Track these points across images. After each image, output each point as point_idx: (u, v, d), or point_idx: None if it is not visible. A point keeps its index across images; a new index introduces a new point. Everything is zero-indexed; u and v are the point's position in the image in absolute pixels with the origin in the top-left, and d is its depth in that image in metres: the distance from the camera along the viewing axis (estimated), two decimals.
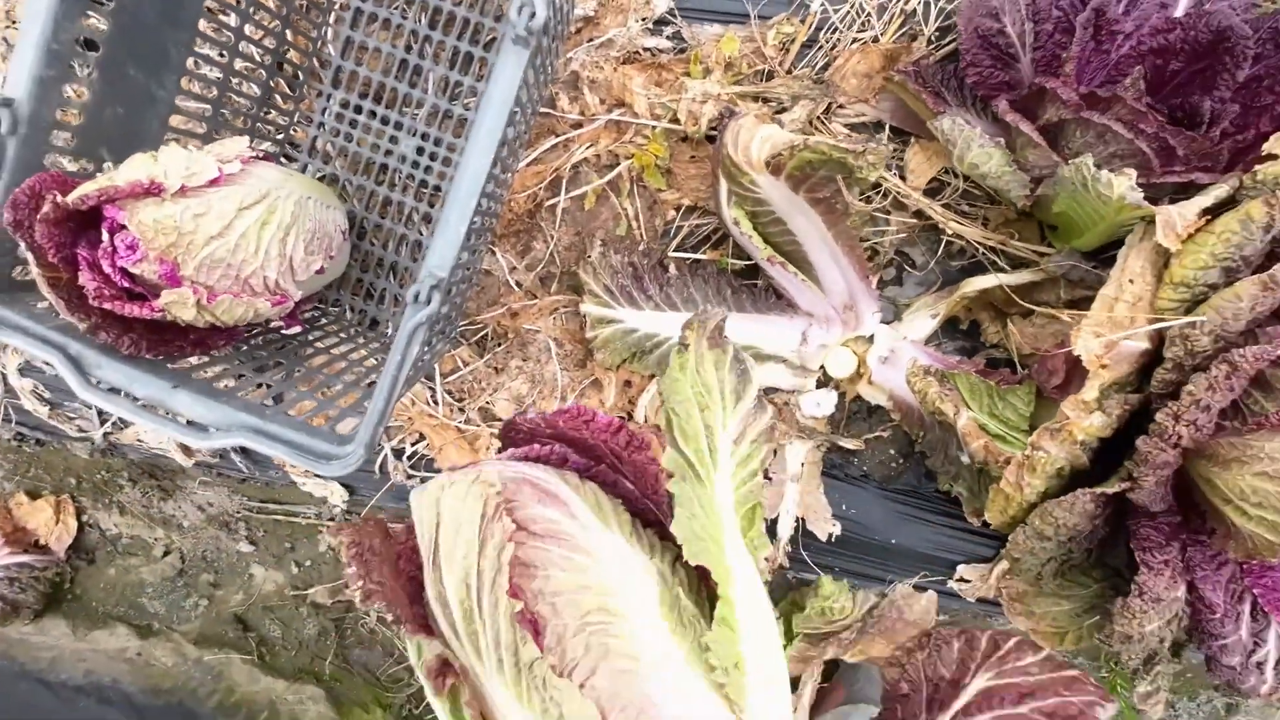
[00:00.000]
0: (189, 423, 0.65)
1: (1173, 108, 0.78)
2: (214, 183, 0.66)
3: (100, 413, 1.03)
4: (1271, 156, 0.64)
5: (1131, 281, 0.67)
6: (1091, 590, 0.85)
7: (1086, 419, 0.66)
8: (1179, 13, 0.80)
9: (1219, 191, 0.65)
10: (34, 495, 1.29)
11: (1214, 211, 0.65)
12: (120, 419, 1.04)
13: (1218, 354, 0.63)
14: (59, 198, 0.59)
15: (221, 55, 0.81)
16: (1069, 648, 0.88)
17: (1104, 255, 0.81)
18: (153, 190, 0.62)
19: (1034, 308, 0.84)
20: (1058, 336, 0.80)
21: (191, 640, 1.33)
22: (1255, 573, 0.73)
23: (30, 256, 0.61)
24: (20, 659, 1.29)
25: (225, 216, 0.66)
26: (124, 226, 0.61)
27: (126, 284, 0.63)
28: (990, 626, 1.22)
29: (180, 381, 0.66)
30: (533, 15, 0.57)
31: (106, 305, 0.61)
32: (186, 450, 1.02)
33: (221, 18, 0.80)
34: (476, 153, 0.60)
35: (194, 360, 0.72)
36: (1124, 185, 0.65)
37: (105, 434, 1.04)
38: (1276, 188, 0.64)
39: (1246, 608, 0.74)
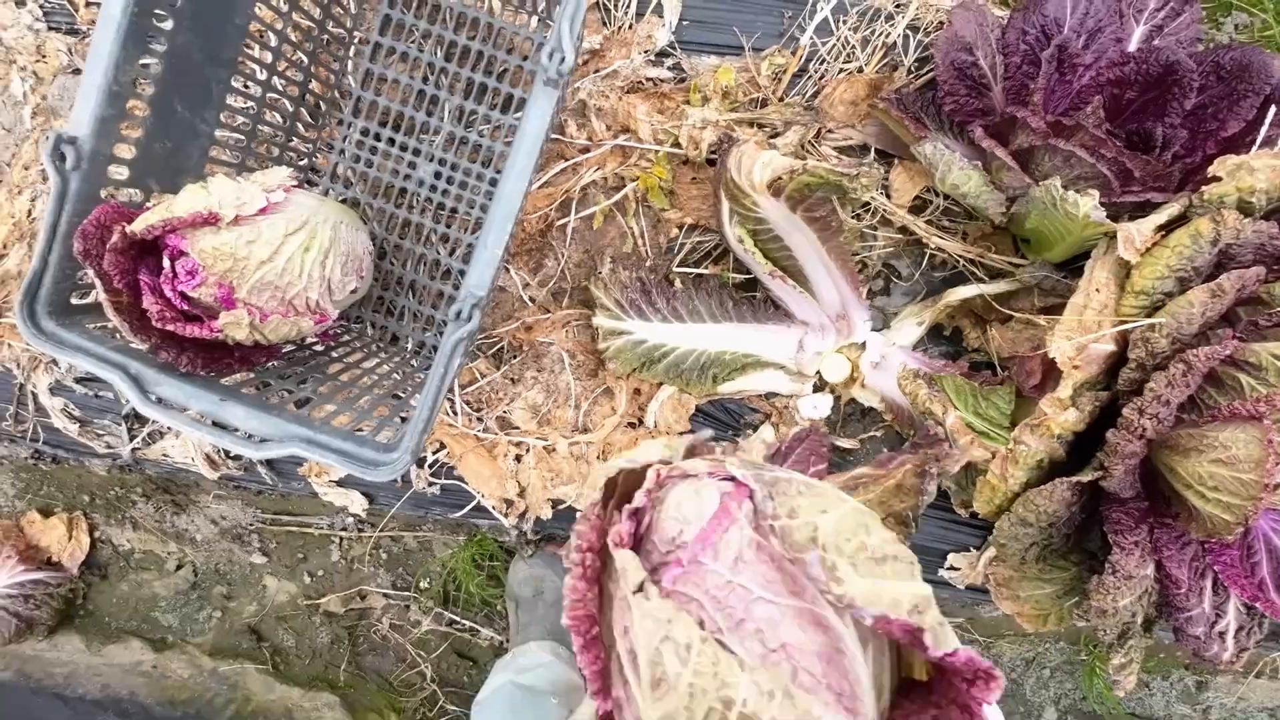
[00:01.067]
0: (243, 435, 0.69)
1: (1129, 133, 0.86)
2: (263, 211, 0.71)
3: (130, 430, 1.07)
4: (1216, 179, 0.73)
5: (1098, 291, 0.74)
6: (1070, 573, 0.93)
7: (1062, 415, 0.73)
8: (1132, 47, 0.89)
9: (1171, 210, 0.73)
10: (46, 513, 1.32)
11: (1168, 228, 0.73)
12: (148, 435, 1.08)
13: (1175, 354, 0.70)
14: (126, 228, 0.64)
15: (254, 89, 0.86)
16: (1051, 628, 0.95)
17: (1072, 266, 0.89)
18: (210, 220, 0.67)
19: (1011, 314, 0.92)
20: (1033, 340, 0.88)
21: (206, 652, 1.36)
22: (1215, 551, 0.80)
23: (97, 283, 0.65)
24: (36, 675, 1.31)
25: (273, 243, 0.71)
26: (185, 253, 0.66)
27: (184, 307, 0.68)
28: (976, 614, 1.30)
29: (230, 396, 0.71)
30: (563, 60, 0.63)
31: (169, 327, 0.66)
32: (213, 463, 1.06)
33: (258, 54, 0.85)
34: (512, 181, 0.66)
35: (239, 376, 0.77)
36: (1089, 205, 0.73)
37: (134, 449, 1.07)
38: (1221, 206, 0.72)
39: (1209, 583, 0.81)
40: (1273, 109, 0.77)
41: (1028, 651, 1.37)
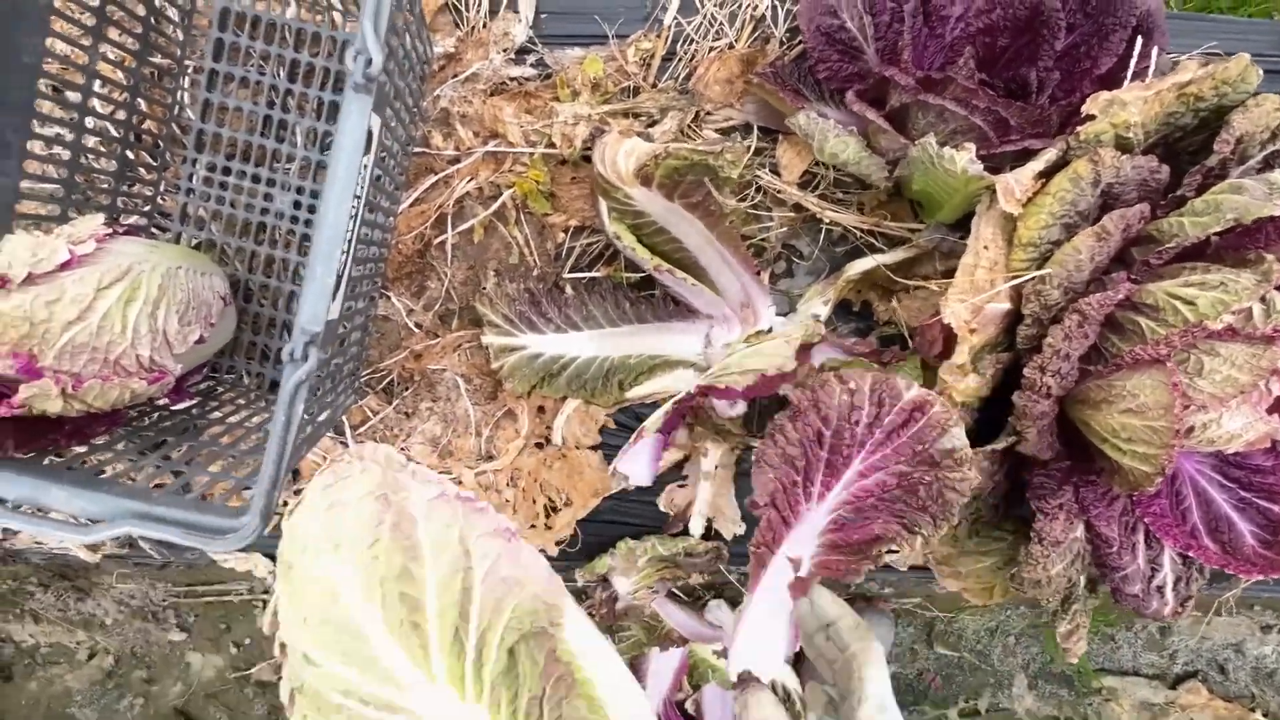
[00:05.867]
0: (68, 519, 0.62)
1: (1006, 80, 0.83)
2: (65, 266, 0.63)
3: None
4: (1090, 117, 0.69)
5: (986, 248, 0.71)
6: (1007, 543, 0.89)
7: (962, 381, 0.69)
8: None
9: (1049, 155, 0.70)
10: None
11: (1048, 174, 0.70)
12: None
13: (1069, 305, 0.67)
14: None
15: (67, 134, 0.78)
16: (998, 600, 0.91)
17: (968, 225, 0.85)
18: None
19: (913, 283, 0.88)
20: (936, 307, 0.84)
21: None
22: (1144, 503, 0.77)
23: None
24: None
25: (82, 300, 0.64)
26: None
27: None
28: (931, 591, 1.26)
29: (55, 477, 0.63)
30: (369, 62, 0.57)
31: None
32: (90, 546, 0.97)
33: (63, 94, 0.77)
34: (333, 202, 0.59)
35: (73, 451, 0.69)
36: (965, 159, 0.69)
37: None
38: (1098, 145, 0.69)
39: (1140, 537, 0.78)
40: (1139, 40, 0.74)
41: (990, 621, 1.34)
